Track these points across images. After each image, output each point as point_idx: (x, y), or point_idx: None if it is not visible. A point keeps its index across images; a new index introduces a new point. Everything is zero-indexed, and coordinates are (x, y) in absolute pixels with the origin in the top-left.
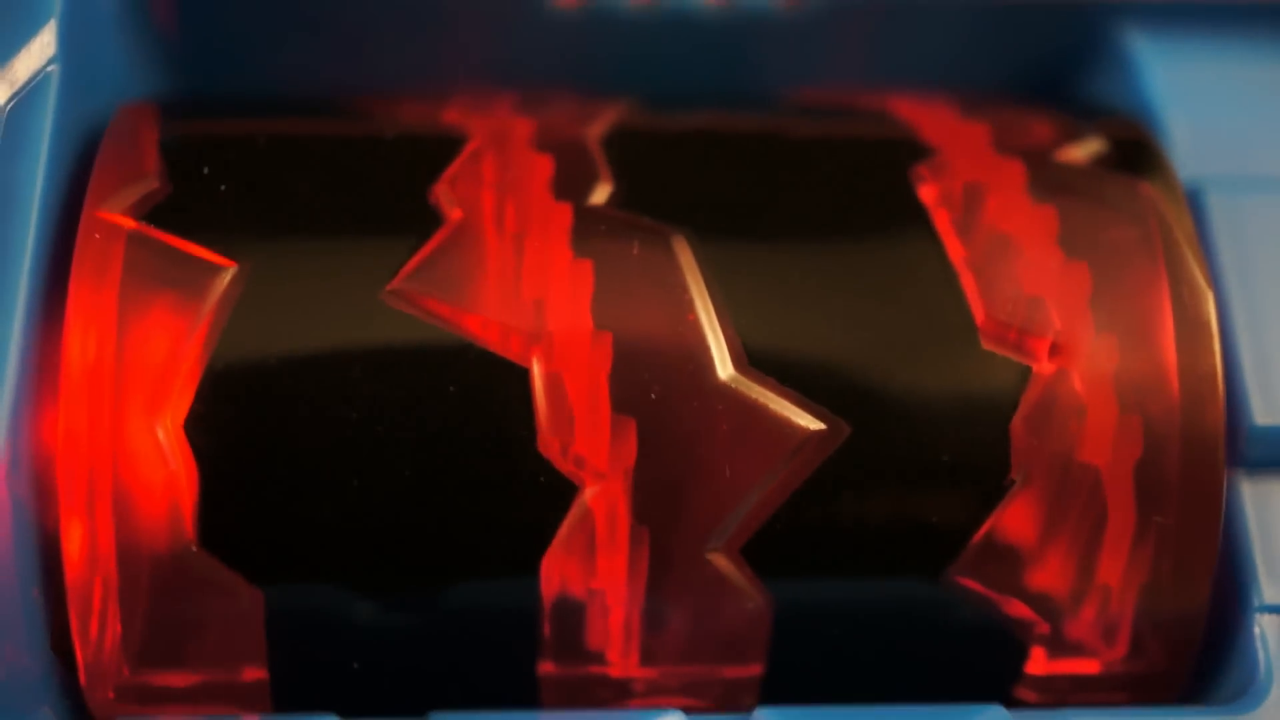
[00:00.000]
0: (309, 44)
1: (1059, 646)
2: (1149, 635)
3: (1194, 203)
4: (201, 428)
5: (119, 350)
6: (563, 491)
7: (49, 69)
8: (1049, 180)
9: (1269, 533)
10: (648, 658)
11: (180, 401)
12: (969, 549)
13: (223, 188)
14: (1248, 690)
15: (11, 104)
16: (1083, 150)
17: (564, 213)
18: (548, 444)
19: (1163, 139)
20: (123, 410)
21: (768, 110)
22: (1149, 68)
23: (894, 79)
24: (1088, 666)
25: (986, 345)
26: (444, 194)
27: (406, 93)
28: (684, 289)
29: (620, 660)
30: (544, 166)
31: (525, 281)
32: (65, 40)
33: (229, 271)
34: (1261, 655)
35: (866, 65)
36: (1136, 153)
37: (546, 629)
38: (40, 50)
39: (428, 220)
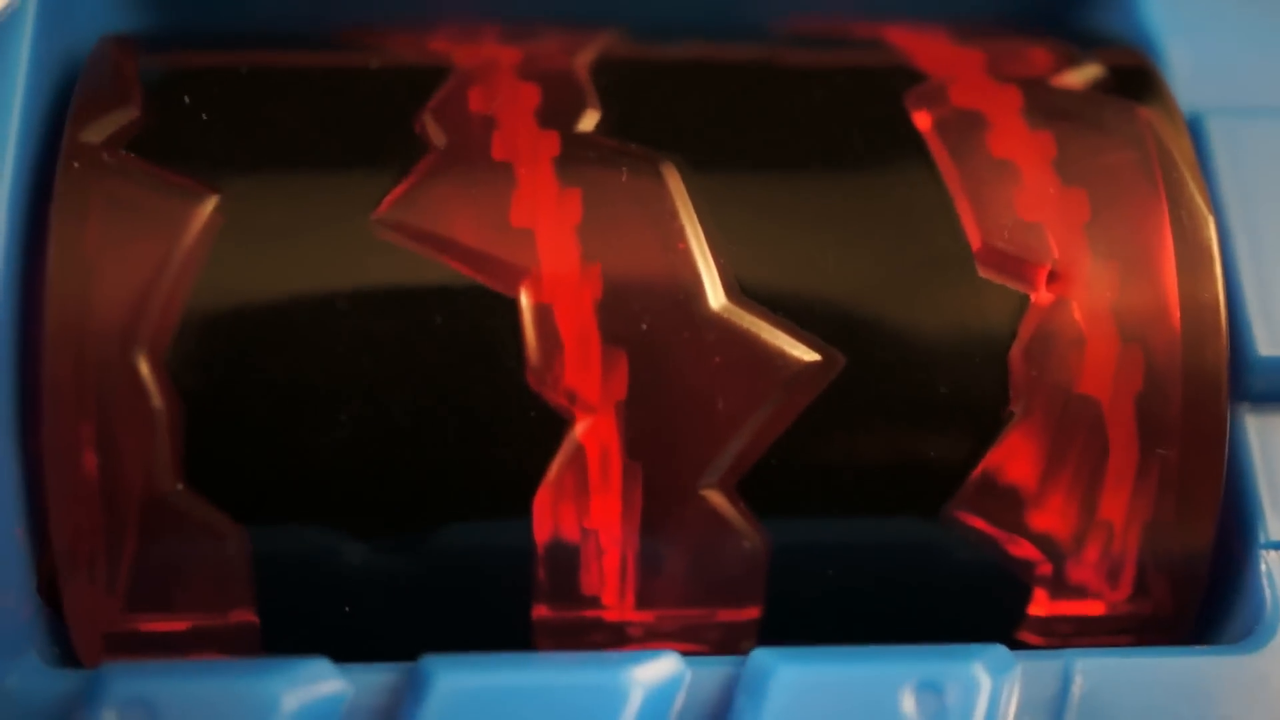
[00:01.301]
0: None
1: (1062, 587)
2: (1153, 575)
3: (1194, 131)
4: (185, 362)
5: (100, 281)
6: (554, 426)
7: None
8: (1045, 105)
9: (1274, 467)
10: (644, 601)
11: (162, 335)
12: (969, 483)
13: (204, 117)
14: (1254, 628)
15: None
16: (1079, 76)
17: (551, 141)
18: (538, 377)
19: (1163, 69)
20: (104, 344)
21: (759, 40)
22: None
23: (888, 11)
24: (1092, 608)
25: (983, 272)
26: (429, 123)
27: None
28: (674, 217)
29: (616, 603)
30: (530, 95)
31: (513, 211)
32: None
33: (211, 200)
34: (1268, 592)
35: None
36: (1134, 78)
37: (540, 572)
38: None
39: (413, 149)
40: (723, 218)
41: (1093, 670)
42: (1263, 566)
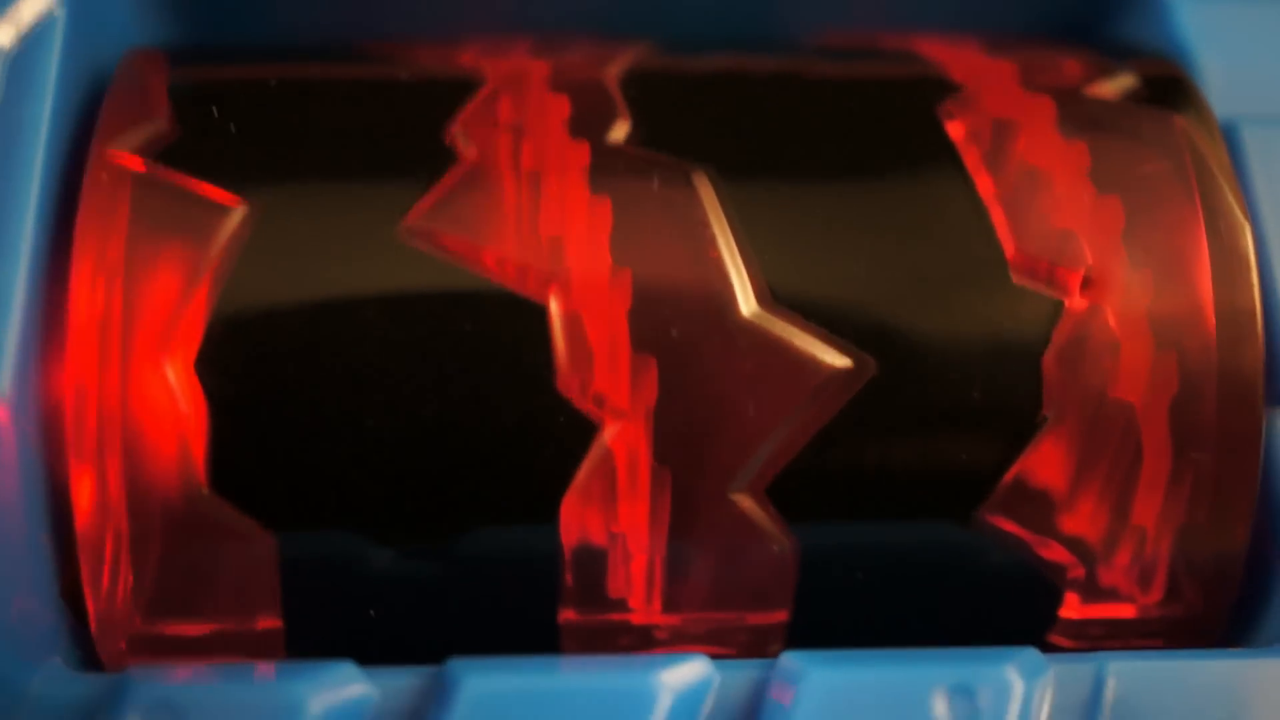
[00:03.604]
0: None
1: (1093, 591)
2: (1186, 578)
3: (1229, 139)
4: (212, 368)
5: (127, 290)
6: (582, 432)
7: (54, 12)
8: (1079, 115)
9: None
10: (671, 604)
11: (190, 341)
12: (1000, 488)
13: (232, 128)
14: None
15: (17, 47)
16: (1113, 86)
17: (581, 150)
18: (567, 383)
19: (1195, 78)
20: (131, 351)
21: (790, 52)
22: (1180, 7)
23: (919, 23)
24: (1123, 611)
25: (1017, 280)
26: (459, 134)
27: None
28: (705, 225)
29: (643, 607)
30: (561, 106)
31: (542, 219)
32: None
33: (239, 211)
34: None
35: (890, 9)
36: (1168, 87)
37: (568, 576)
38: None
39: (442, 160)
40: (754, 225)
41: (1126, 673)
42: None
